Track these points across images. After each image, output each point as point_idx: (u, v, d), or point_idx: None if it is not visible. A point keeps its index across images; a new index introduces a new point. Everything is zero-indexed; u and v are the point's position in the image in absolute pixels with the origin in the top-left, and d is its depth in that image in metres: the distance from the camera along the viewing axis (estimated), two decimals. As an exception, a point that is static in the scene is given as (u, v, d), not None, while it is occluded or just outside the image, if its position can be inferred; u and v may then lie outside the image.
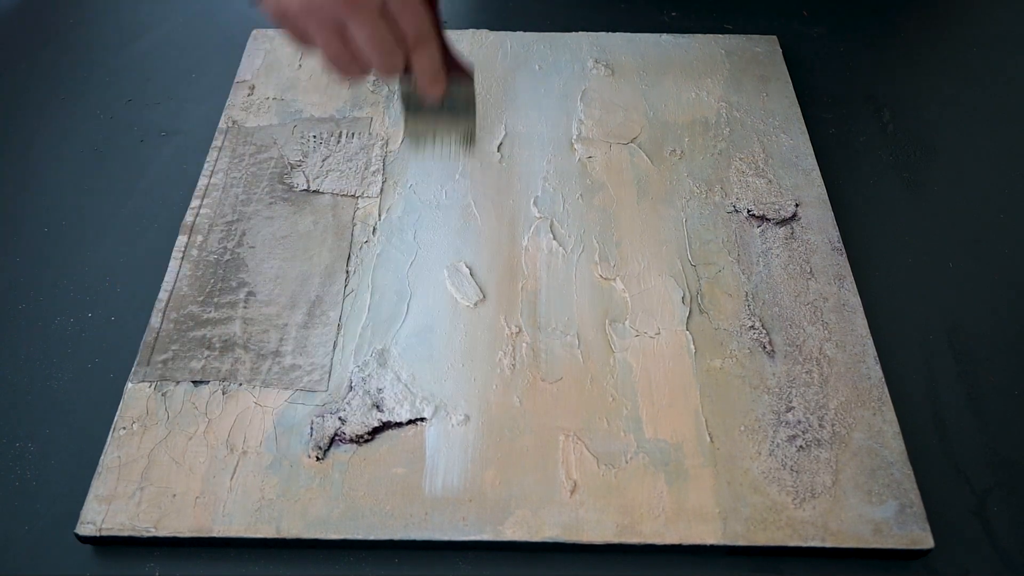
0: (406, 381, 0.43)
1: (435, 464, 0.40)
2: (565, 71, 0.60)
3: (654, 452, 0.41)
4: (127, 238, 0.51)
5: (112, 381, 0.44)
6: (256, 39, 0.62)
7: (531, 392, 0.43)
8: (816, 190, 0.52)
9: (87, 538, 0.38)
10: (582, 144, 0.55)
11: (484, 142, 0.55)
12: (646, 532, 0.38)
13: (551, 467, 0.40)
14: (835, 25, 0.66)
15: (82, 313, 0.47)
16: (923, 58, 0.63)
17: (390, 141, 0.55)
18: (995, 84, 0.61)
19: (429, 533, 0.38)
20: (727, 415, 0.42)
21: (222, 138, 0.55)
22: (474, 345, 0.45)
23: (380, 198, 0.51)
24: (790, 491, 0.39)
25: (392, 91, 0.57)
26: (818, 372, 0.43)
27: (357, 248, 0.49)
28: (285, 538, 0.38)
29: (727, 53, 0.61)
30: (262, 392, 0.43)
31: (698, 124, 0.56)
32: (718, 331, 0.45)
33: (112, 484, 0.39)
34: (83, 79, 0.61)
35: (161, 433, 0.41)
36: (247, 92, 0.58)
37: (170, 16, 0.67)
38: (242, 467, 0.40)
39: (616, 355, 0.44)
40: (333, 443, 0.41)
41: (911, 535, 0.38)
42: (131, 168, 0.55)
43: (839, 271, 0.48)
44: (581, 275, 0.48)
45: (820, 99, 0.60)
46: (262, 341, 0.45)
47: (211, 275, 0.47)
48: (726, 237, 0.49)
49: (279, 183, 0.52)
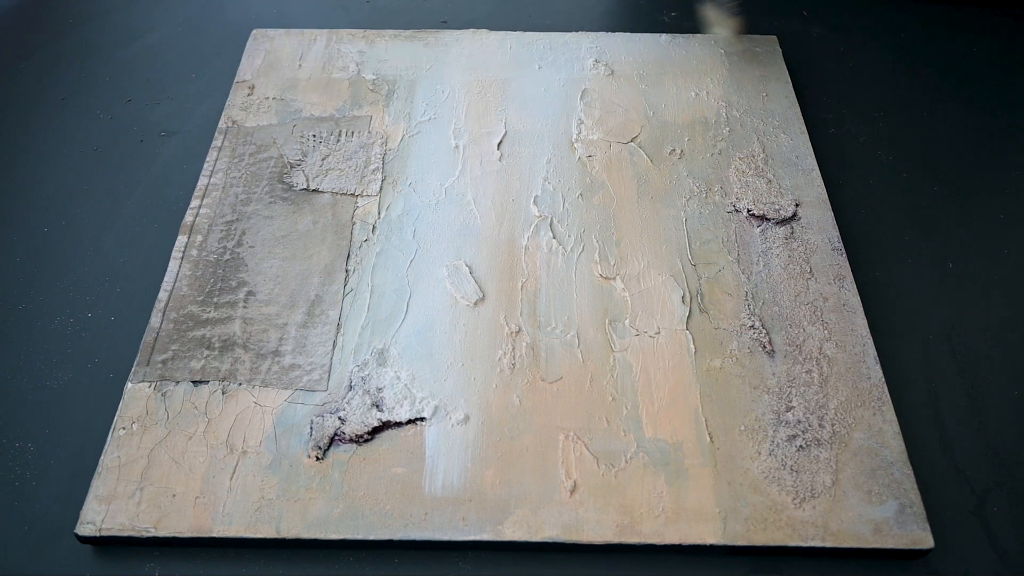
0: (406, 381, 0.43)
1: (435, 464, 0.40)
2: (565, 71, 0.60)
3: (654, 452, 0.41)
4: (127, 238, 0.51)
5: (112, 381, 0.44)
6: (256, 39, 0.62)
7: (531, 392, 0.43)
8: (816, 190, 0.52)
9: (87, 538, 0.38)
10: (582, 143, 0.55)
11: (484, 141, 0.55)
12: (646, 532, 0.38)
13: (551, 467, 0.40)
14: (835, 25, 0.66)
15: (82, 313, 0.47)
16: (923, 58, 0.63)
17: (390, 139, 0.55)
18: (995, 84, 0.61)
19: (429, 533, 0.38)
20: (727, 415, 0.42)
21: (222, 138, 0.55)
22: (474, 344, 0.45)
23: (379, 197, 0.51)
24: (790, 491, 0.39)
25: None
26: (818, 372, 0.43)
27: (356, 247, 0.49)
28: (285, 538, 0.38)
29: (727, 53, 0.61)
30: (262, 392, 0.43)
31: (698, 124, 0.56)
32: (718, 331, 0.45)
33: (112, 484, 0.39)
34: (83, 79, 0.61)
35: (161, 433, 0.41)
36: (247, 92, 0.58)
37: (170, 16, 0.67)
38: (242, 467, 0.40)
39: (616, 355, 0.44)
40: (333, 443, 0.41)
41: (911, 535, 0.38)
42: (131, 168, 0.55)
43: (839, 271, 0.48)
44: (581, 274, 0.48)
45: (820, 99, 0.60)
46: (262, 341, 0.45)
47: (211, 275, 0.47)
48: (726, 237, 0.49)
49: (279, 182, 0.52)
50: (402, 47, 0.61)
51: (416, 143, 0.55)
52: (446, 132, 0.55)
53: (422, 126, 0.56)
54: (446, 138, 0.55)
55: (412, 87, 0.58)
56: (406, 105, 0.57)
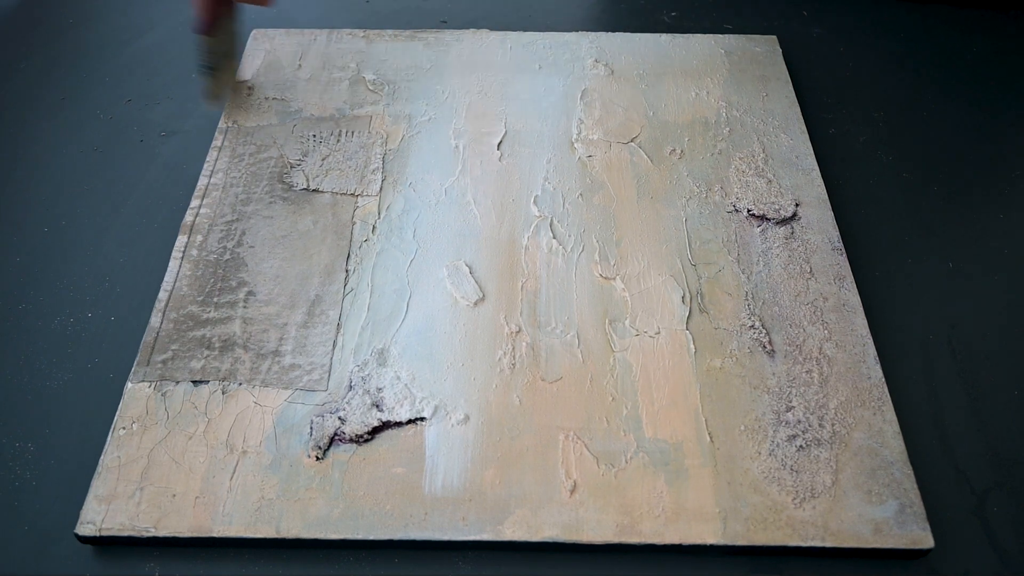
0: (406, 380, 0.43)
1: (435, 464, 0.40)
2: (565, 71, 0.60)
3: (654, 452, 0.41)
4: (127, 238, 0.51)
5: (112, 381, 0.44)
6: (256, 39, 0.62)
7: (531, 392, 0.43)
8: (816, 190, 0.52)
9: (87, 538, 0.38)
10: (582, 143, 0.55)
11: (484, 141, 0.55)
12: (646, 532, 0.38)
13: (551, 467, 0.40)
14: (835, 25, 0.66)
15: (82, 313, 0.47)
16: (923, 58, 0.63)
17: (390, 139, 0.55)
18: (995, 84, 0.61)
19: (429, 533, 0.38)
20: (727, 415, 0.42)
21: (222, 138, 0.55)
22: (474, 344, 0.45)
23: (380, 196, 0.51)
24: (790, 491, 0.39)
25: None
26: (818, 372, 0.43)
27: (357, 247, 0.49)
28: (285, 538, 0.38)
29: (727, 53, 0.61)
30: (262, 392, 0.43)
31: (698, 124, 0.56)
32: (718, 331, 0.45)
33: (112, 484, 0.39)
34: (83, 79, 0.61)
35: (161, 433, 0.41)
36: (247, 92, 0.58)
37: (170, 16, 0.67)
38: (242, 467, 0.40)
39: (616, 355, 0.44)
40: (333, 443, 0.41)
41: (911, 535, 0.38)
42: (131, 168, 0.55)
43: (839, 271, 0.48)
44: (581, 274, 0.48)
45: (820, 99, 0.60)
46: (262, 341, 0.45)
47: (211, 275, 0.47)
48: (726, 237, 0.49)
49: (279, 183, 0.52)
50: (402, 47, 0.61)
51: (416, 143, 0.55)
52: (446, 132, 0.55)
53: (422, 126, 0.56)
54: (446, 138, 0.55)
55: (412, 87, 0.58)
56: (406, 105, 0.57)
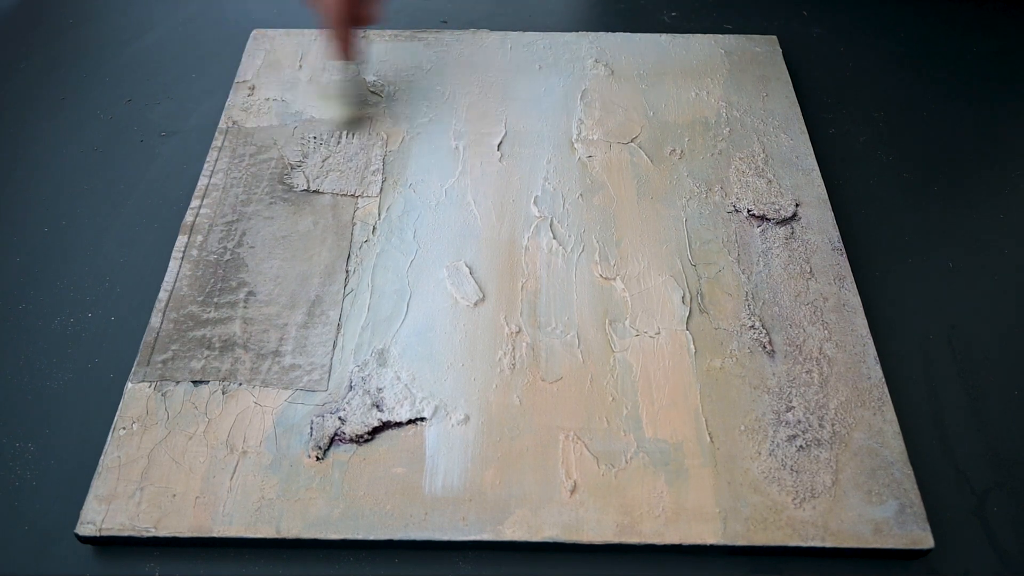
0: (406, 381, 0.43)
1: (435, 464, 0.40)
2: (565, 71, 0.60)
3: (654, 452, 0.41)
4: (127, 238, 0.51)
5: (112, 381, 0.44)
6: (256, 39, 0.62)
7: (531, 392, 0.43)
8: (816, 190, 0.52)
9: (87, 538, 0.38)
10: (582, 144, 0.55)
11: (484, 142, 0.55)
12: (646, 532, 0.38)
13: (551, 467, 0.40)
14: (835, 25, 0.66)
15: (82, 313, 0.47)
16: (923, 58, 0.63)
17: (390, 140, 0.55)
18: (995, 83, 0.61)
19: (429, 533, 0.38)
20: (727, 415, 0.42)
21: (222, 138, 0.55)
22: (474, 345, 0.45)
23: (380, 197, 0.51)
24: (790, 491, 0.39)
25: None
26: (818, 372, 0.43)
27: (357, 248, 0.49)
28: (285, 538, 0.38)
29: (727, 53, 0.61)
30: (262, 392, 0.43)
31: (698, 124, 0.56)
32: (718, 331, 0.45)
33: (112, 484, 0.39)
34: (83, 79, 0.61)
35: (161, 433, 0.41)
36: (247, 92, 0.58)
37: (170, 16, 0.67)
38: (242, 467, 0.40)
39: (616, 355, 0.44)
40: (333, 443, 0.41)
41: (911, 535, 0.38)
42: (131, 168, 0.55)
43: (839, 271, 0.48)
44: (581, 275, 0.48)
45: (820, 99, 0.60)
46: (262, 341, 0.45)
47: (211, 275, 0.47)
48: (726, 237, 0.49)
49: (279, 183, 0.52)
50: (402, 47, 0.61)
51: (416, 144, 0.55)
52: (446, 133, 0.55)
53: (422, 127, 0.56)
54: (446, 139, 0.55)
55: (412, 87, 0.58)
56: (406, 106, 0.57)
